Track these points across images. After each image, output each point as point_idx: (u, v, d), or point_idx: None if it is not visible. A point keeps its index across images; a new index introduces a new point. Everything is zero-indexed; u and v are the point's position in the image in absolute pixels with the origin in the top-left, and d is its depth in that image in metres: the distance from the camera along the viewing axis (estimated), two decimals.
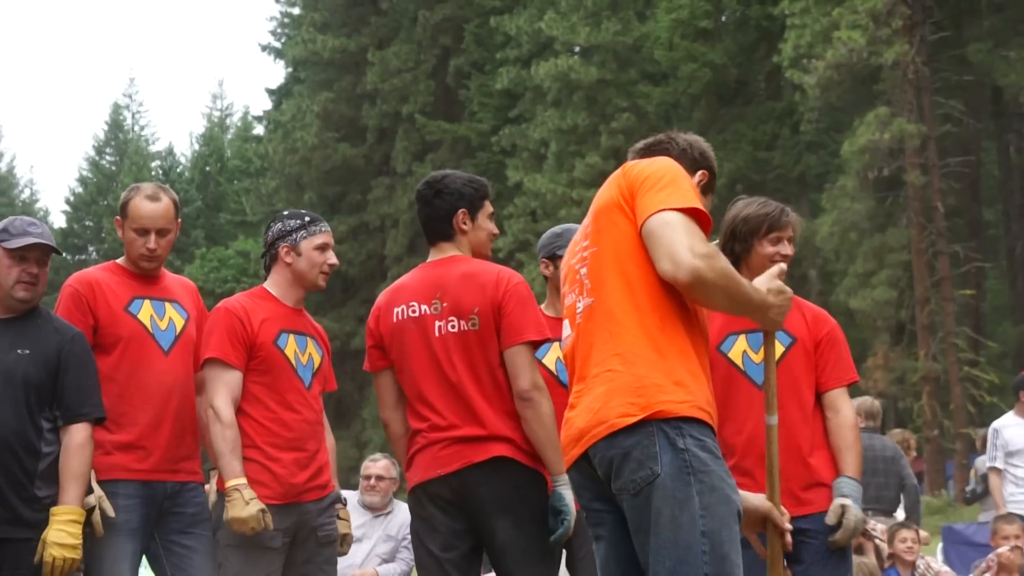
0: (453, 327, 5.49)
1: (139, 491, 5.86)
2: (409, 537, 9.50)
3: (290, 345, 6.04)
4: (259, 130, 55.96)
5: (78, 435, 5.68)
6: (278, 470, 5.89)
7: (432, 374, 5.47)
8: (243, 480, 5.74)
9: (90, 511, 5.70)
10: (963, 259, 30.88)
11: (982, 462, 12.69)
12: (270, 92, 51.25)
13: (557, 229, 6.61)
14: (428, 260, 5.68)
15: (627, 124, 34.98)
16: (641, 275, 4.25)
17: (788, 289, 4.60)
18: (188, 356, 6.07)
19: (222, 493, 5.79)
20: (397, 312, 5.56)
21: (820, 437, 5.60)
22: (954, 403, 29.47)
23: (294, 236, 6.11)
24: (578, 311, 4.42)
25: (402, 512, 9.69)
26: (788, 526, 4.90)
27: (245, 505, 5.67)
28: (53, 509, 5.62)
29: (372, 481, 9.65)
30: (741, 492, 4.46)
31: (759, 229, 5.67)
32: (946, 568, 10.72)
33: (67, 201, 65.58)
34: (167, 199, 6.09)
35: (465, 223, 5.66)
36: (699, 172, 4.64)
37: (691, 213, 4.21)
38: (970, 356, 30.28)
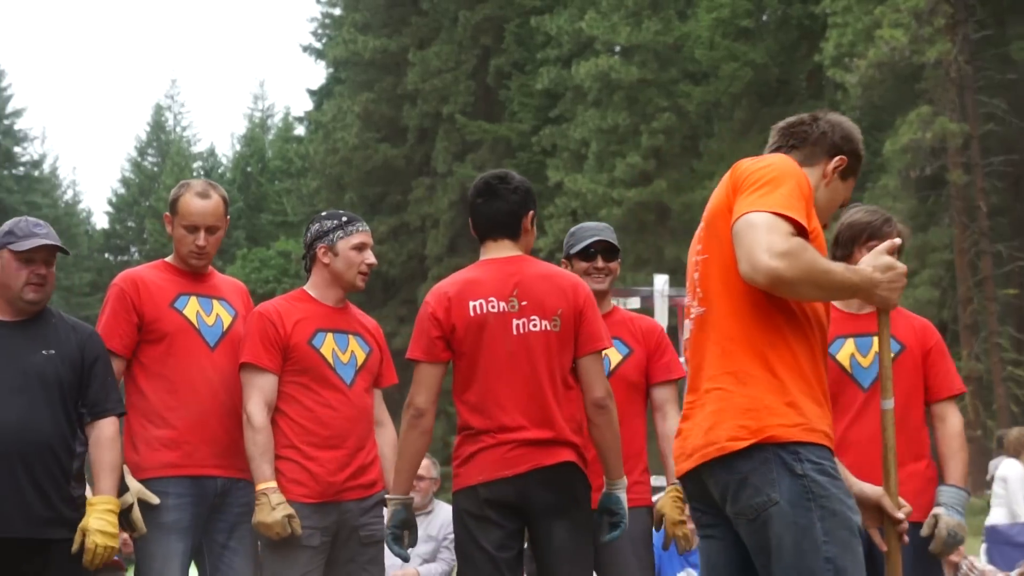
0: (535, 326, 5.43)
1: (189, 489, 5.87)
2: (450, 537, 9.59)
3: (327, 344, 6.04)
4: (300, 131, 56.13)
5: (108, 429, 5.72)
6: (315, 469, 5.90)
7: (507, 372, 5.40)
8: (272, 484, 5.77)
9: (128, 509, 5.73)
10: (1006, 258, 30.70)
11: (995, 464, 12.76)
12: (311, 93, 51.39)
13: (573, 228, 6.61)
14: (488, 257, 5.60)
15: (668, 124, 34.94)
16: (746, 286, 4.15)
17: (899, 264, 4.43)
18: (236, 353, 6.07)
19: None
20: (474, 305, 5.44)
21: (917, 448, 5.66)
22: (997, 403, 29.32)
23: (331, 236, 6.12)
24: (691, 317, 4.41)
25: (443, 512, 9.69)
26: (900, 515, 4.78)
27: (271, 510, 5.71)
28: (91, 499, 5.65)
29: (423, 483, 9.64)
30: (856, 482, 4.53)
31: (860, 236, 5.68)
32: (990, 567, 10.69)
33: (109, 202, 65.89)
34: (217, 196, 6.13)
35: (530, 225, 5.66)
36: (836, 157, 4.48)
37: (783, 215, 4.06)
38: (1013, 356, 30.13)
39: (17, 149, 61.45)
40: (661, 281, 17.02)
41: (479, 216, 5.63)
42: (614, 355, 6.21)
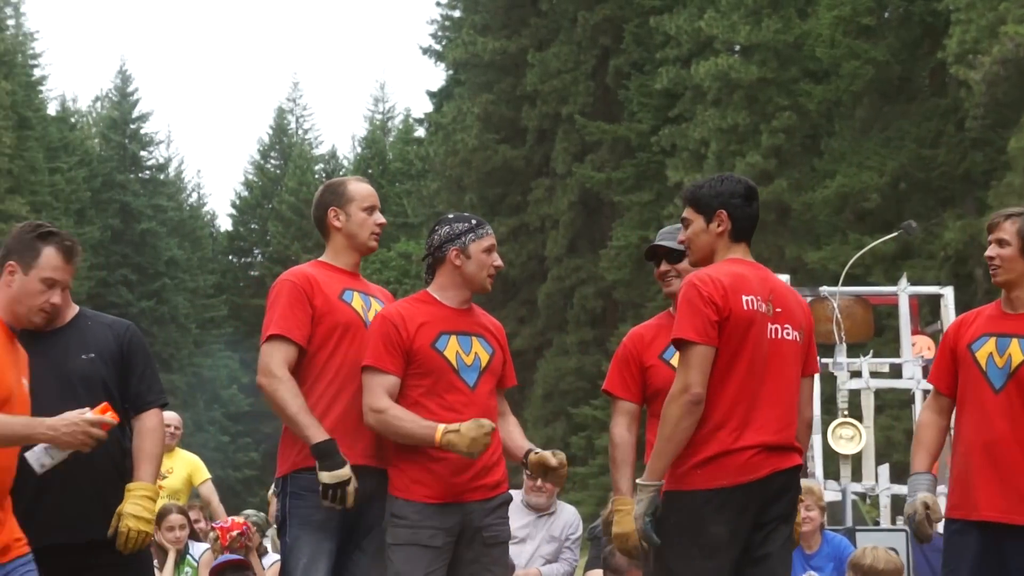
0: (788, 334, 5.46)
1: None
2: (572, 537, 9.62)
3: (451, 346, 6.04)
4: (420, 132, 56.36)
5: (151, 420, 5.83)
6: (439, 470, 5.91)
7: (760, 375, 5.37)
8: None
9: (346, 482, 5.78)
10: None
11: None
12: (431, 94, 51.60)
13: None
14: (738, 258, 5.57)
15: (788, 123, 34.68)
16: None
17: None
18: None
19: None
20: (747, 300, 5.39)
21: None
22: None
23: (463, 239, 6.13)
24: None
25: (566, 513, 9.72)
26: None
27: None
28: (129, 485, 5.72)
29: (539, 482, 9.67)
30: None
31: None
32: None
33: (233, 204, 66.62)
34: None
35: None
36: None
37: None
38: None
39: (143, 153, 62.30)
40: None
41: (746, 218, 5.61)
42: None
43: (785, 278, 16.81)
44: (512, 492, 6.42)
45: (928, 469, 6.15)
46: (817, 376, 6.21)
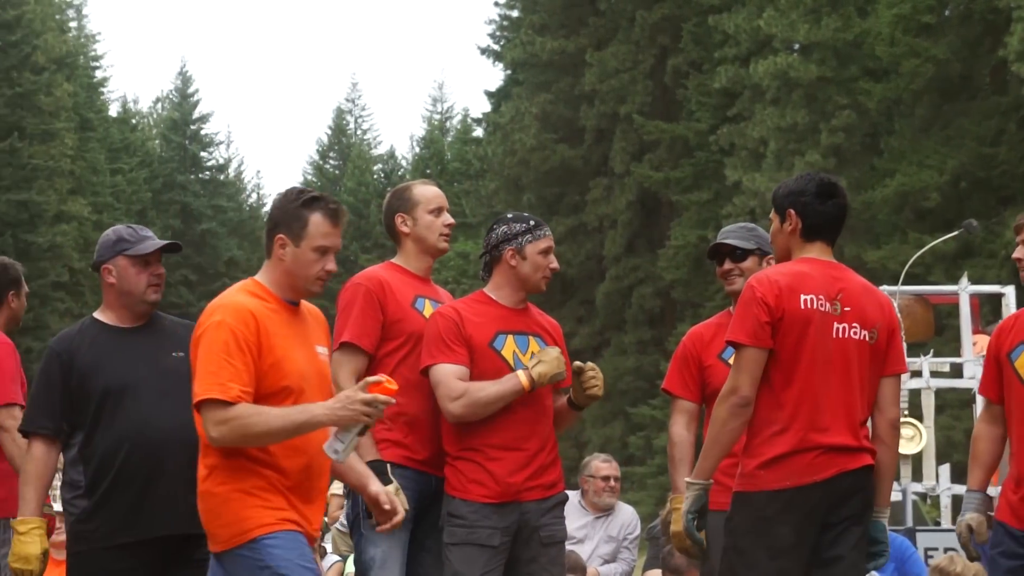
0: (855, 334, 5.40)
1: (413, 480, 5.93)
2: (630, 537, 9.63)
3: (508, 346, 6.06)
4: (478, 132, 56.43)
5: None
6: (496, 469, 5.92)
7: (824, 375, 5.34)
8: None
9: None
10: None
11: None
12: (489, 94, 51.62)
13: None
14: (810, 256, 5.54)
15: (847, 121, 34.51)
16: None
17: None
18: None
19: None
20: (805, 299, 5.35)
21: None
22: None
23: (520, 240, 6.12)
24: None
25: (624, 513, 9.74)
26: None
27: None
28: None
29: (611, 482, 9.70)
30: None
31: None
32: None
33: None
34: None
35: None
36: None
37: None
38: None
39: (203, 154, 62.70)
40: None
41: (818, 216, 5.55)
42: None
43: None
44: (568, 493, 6.42)
45: (980, 486, 6.09)
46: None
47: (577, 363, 6.14)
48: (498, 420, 5.95)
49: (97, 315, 6.08)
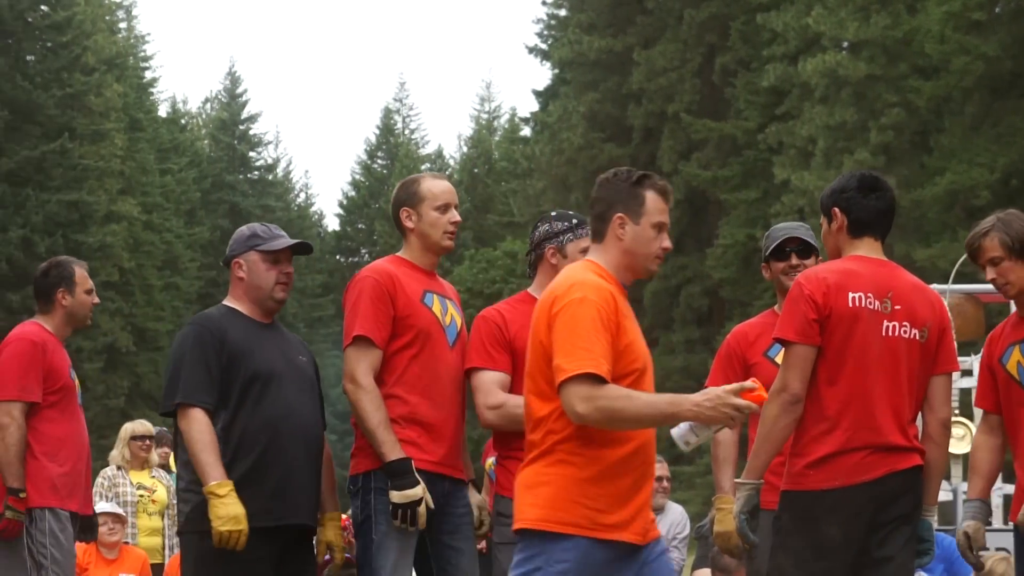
0: (905, 332, 5.36)
1: (427, 482, 5.86)
2: (680, 536, 9.61)
3: None
4: (526, 132, 56.43)
5: None
6: None
7: (873, 373, 5.31)
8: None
9: (418, 502, 5.76)
10: None
11: None
12: (537, 94, 51.63)
13: (768, 231, 6.58)
14: (861, 254, 5.49)
15: (897, 120, 34.34)
16: None
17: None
18: (462, 354, 6.13)
19: None
20: (853, 297, 5.33)
21: None
22: None
23: (561, 238, 6.11)
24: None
25: (673, 512, 9.74)
26: None
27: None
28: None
29: (663, 483, 9.69)
30: None
31: None
32: None
33: (340, 204, 67.12)
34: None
35: None
36: None
37: None
38: None
39: (252, 153, 62.98)
40: None
41: (863, 210, 5.51)
42: None
43: None
44: None
45: (980, 495, 6.01)
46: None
47: None
48: None
49: (230, 304, 6.07)
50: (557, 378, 4.72)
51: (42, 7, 44.75)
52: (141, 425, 11.58)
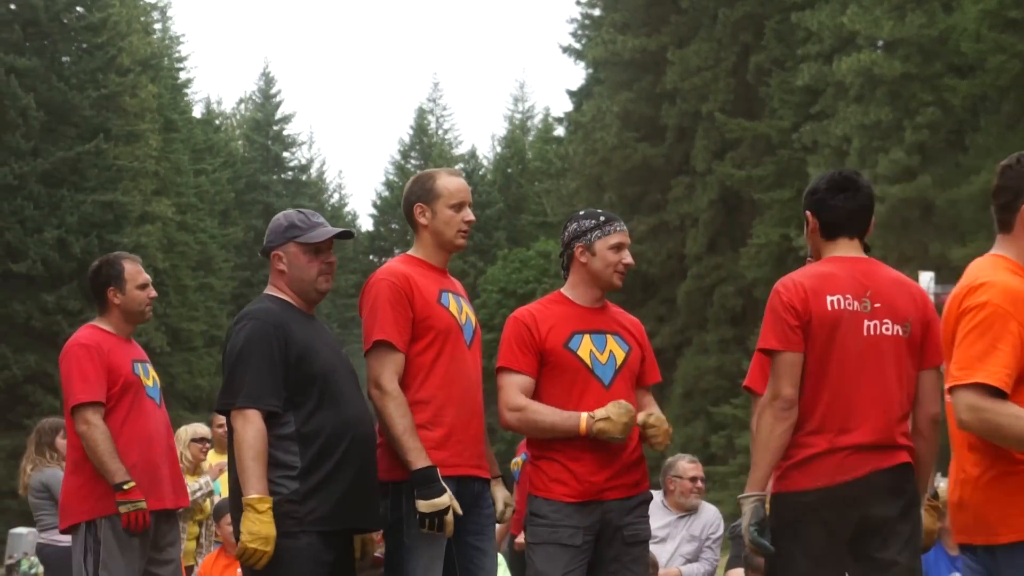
0: (887, 329, 5.34)
1: (454, 489, 5.78)
2: (713, 537, 9.57)
3: (584, 345, 6.01)
4: (559, 131, 56.40)
5: None
6: (577, 469, 5.90)
7: (856, 374, 5.29)
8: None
9: (446, 510, 5.69)
10: None
11: None
12: (570, 93, 51.59)
13: None
14: (839, 254, 5.47)
15: (932, 119, 34.19)
16: None
17: None
18: (479, 352, 6.10)
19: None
20: (832, 300, 5.31)
21: None
22: None
23: (588, 236, 6.08)
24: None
25: (706, 512, 9.70)
26: None
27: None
28: None
29: (698, 483, 9.67)
30: None
31: None
32: None
33: (374, 204, 67.12)
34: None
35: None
36: None
37: None
38: None
39: (286, 154, 63.12)
40: (927, 278, 16.70)
41: (832, 211, 5.49)
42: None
43: (929, 275, 16.60)
44: (652, 492, 6.37)
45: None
46: None
47: (642, 415, 6.00)
48: None
49: (277, 295, 5.91)
50: (951, 385, 4.59)
51: (78, 8, 44.90)
52: (202, 428, 11.54)
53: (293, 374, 5.66)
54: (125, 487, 6.96)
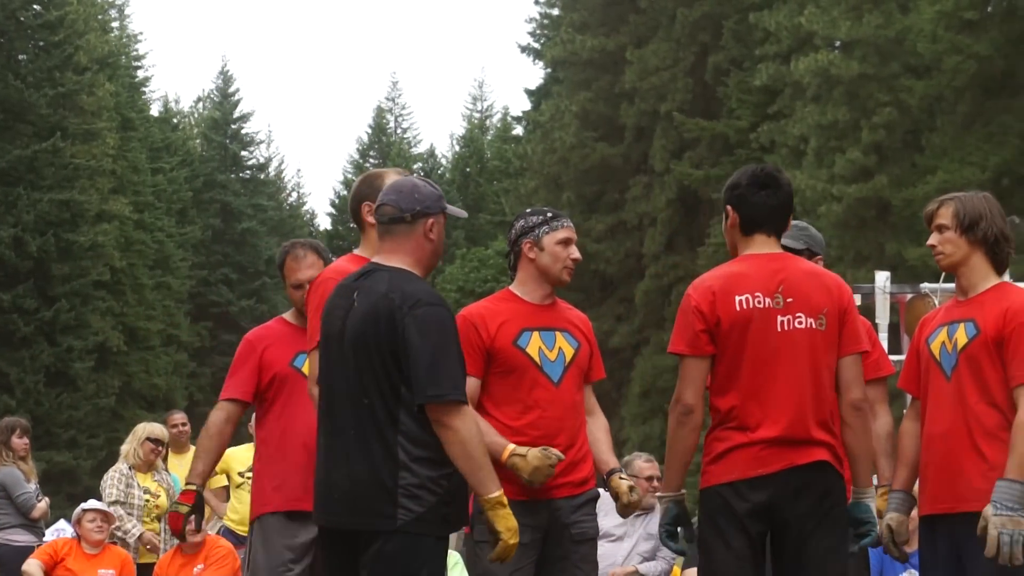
0: (800, 323, 5.35)
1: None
2: None
3: (533, 343, 6.02)
4: (518, 131, 56.45)
5: None
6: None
7: (770, 370, 5.31)
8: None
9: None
10: None
11: None
12: (529, 93, 51.64)
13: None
14: (752, 252, 5.51)
15: (889, 119, 34.34)
16: None
17: None
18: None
19: None
20: (740, 300, 5.34)
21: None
22: None
23: (536, 232, 6.10)
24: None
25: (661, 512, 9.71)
26: None
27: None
28: None
29: (654, 482, 9.69)
30: None
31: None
32: None
33: (332, 203, 66.99)
34: None
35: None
36: None
37: None
38: None
39: (244, 153, 62.85)
40: (882, 278, 16.70)
41: (752, 207, 5.52)
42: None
43: (885, 275, 16.64)
44: (601, 490, 6.39)
45: (904, 486, 5.95)
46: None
47: (625, 496, 6.11)
48: (527, 419, 5.95)
49: (410, 269, 5.45)
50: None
51: (34, 6, 44.66)
52: (159, 429, 11.46)
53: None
54: (186, 488, 6.85)
